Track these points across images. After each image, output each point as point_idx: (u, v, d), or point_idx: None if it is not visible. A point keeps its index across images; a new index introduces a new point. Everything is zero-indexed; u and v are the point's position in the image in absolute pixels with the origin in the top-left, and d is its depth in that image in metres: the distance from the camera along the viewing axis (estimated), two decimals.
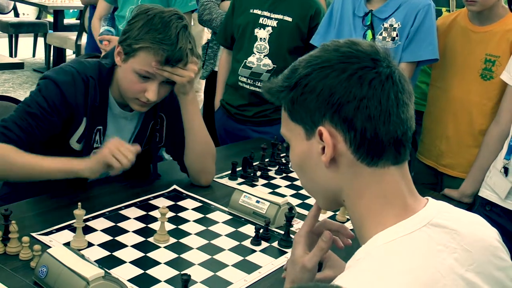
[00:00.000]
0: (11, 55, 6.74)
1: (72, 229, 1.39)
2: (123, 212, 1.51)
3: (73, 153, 1.58)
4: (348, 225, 1.58)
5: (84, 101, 1.55)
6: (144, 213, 1.52)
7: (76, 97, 1.54)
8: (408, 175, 0.85)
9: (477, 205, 1.92)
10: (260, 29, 2.37)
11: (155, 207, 1.55)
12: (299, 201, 1.73)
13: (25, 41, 7.20)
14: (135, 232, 1.42)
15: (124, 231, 1.41)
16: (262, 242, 1.43)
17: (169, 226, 1.45)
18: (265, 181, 1.87)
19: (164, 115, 1.71)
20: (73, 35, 5.45)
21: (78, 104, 1.54)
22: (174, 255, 1.33)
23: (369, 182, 0.82)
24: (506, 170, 1.79)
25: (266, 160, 2.00)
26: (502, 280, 0.84)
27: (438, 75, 2.18)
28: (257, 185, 1.83)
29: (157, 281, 1.21)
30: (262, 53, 2.36)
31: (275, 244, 1.43)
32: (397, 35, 2.05)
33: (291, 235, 1.44)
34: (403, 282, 0.73)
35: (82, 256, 1.15)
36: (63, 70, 1.56)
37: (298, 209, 1.64)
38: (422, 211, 0.82)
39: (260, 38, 2.37)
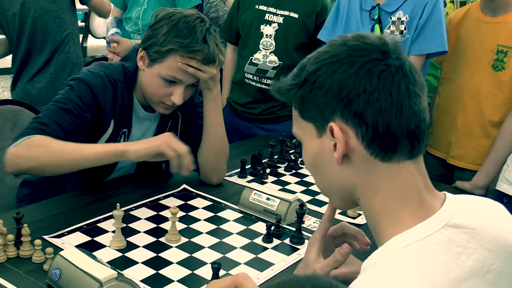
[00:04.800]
0: None
1: (84, 230, 1.39)
2: (133, 212, 1.51)
3: None
4: (360, 220, 1.57)
5: (113, 104, 1.56)
6: (155, 213, 1.52)
7: (106, 100, 1.55)
8: (424, 170, 0.84)
9: (494, 197, 1.90)
10: (266, 25, 2.36)
11: (166, 207, 1.55)
12: (310, 197, 1.72)
13: None
14: (147, 232, 1.42)
15: (136, 232, 1.41)
16: (274, 239, 1.43)
17: (180, 226, 1.45)
18: (274, 178, 1.87)
19: (180, 114, 1.72)
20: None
21: (107, 106, 1.55)
22: (186, 255, 1.32)
23: (384, 177, 0.80)
24: None
25: (275, 157, 1.99)
26: None
27: (450, 68, 2.17)
28: (266, 182, 1.83)
29: (170, 281, 1.21)
30: (268, 49, 2.35)
31: (287, 241, 1.43)
32: (405, 28, 2.04)
33: (302, 232, 1.43)
34: None
35: (95, 258, 1.15)
36: (91, 73, 1.56)
37: (309, 205, 1.63)
38: (439, 212, 0.80)
39: (266, 35, 2.36)
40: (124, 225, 1.37)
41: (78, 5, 2.82)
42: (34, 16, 2.40)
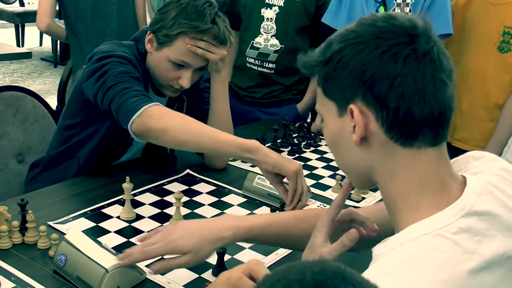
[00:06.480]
0: (18, 45, 6.74)
1: (88, 216, 1.40)
2: (138, 198, 1.51)
3: (124, 132, 1.54)
4: (364, 204, 1.57)
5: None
6: (159, 198, 1.52)
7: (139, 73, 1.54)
8: (446, 156, 0.82)
9: None
10: (266, 9, 2.34)
11: (170, 192, 1.55)
12: (313, 181, 1.72)
13: (31, 30, 7.19)
14: (151, 217, 1.42)
15: (140, 217, 1.41)
16: None
17: (185, 211, 1.45)
18: None
19: (185, 97, 1.72)
20: None
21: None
22: None
23: (403, 163, 0.79)
24: None
25: (278, 141, 1.99)
26: None
27: (456, 50, 2.16)
28: None
29: None
30: (269, 33, 2.34)
31: None
32: (410, 11, 2.02)
33: None
34: (438, 280, 0.70)
35: (100, 243, 1.16)
36: (117, 49, 1.53)
37: (313, 190, 1.63)
38: (460, 200, 0.78)
39: (267, 18, 2.34)
40: (133, 197, 1.38)
41: None
42: None
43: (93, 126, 1.61)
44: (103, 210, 1.43)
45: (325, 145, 2.06)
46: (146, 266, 1.20)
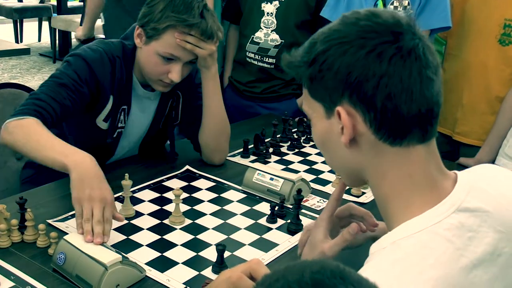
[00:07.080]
0: (16, 41, 6.73)
1: None
2: (137, 195, 1.51)
3: (100, 132, 1.59)
4: (363, 199, 1.57)
5: (111, 79, 1.56)
6: (158, 195, 1.52)
7: (104, 75, 1.54)
8: (436, 152, 0.82)
9: None
10: (267, 3, 2.33)
11: (169, 189, 1.55)
12: (313, 176, 1.71)
13: (30, 26, 7.18)
14: (150, 214, 1.41)
15: (139, 214, 1.41)
16: (278, 219, 1.42)
17: (184, 207, 1.44)
18: (277, 158, 1.86)
19: (180, 93, 1.71)
20: (77, 18, 5.43)
21: (105, 81, 1.55)
22: (191, 236, 1.32)
23: (393, 162, 0.79)
24: None
25: (278, 136, 1.98)
26: None
27: (455, 43, 2.14)
28: (269, 162, 1.82)
29: (175, 263, 1.21)
30: (269, 28, 2.33)
31: None
32: (408, 4, 2.01)
33: (300, 217, 1.41)
34: (431, 277, 0.70)
35: None
36: (90, 49, 1.56)
37: (312, 185, 1.63)
38: (450, 196, 0.78)
39: (267, 13, 2.33)
40: (132, 193, 1.38)
41: None
42: None
43: (69, 124, 1.63)
44: None
45: None
46: (146, 263, 1.20)
